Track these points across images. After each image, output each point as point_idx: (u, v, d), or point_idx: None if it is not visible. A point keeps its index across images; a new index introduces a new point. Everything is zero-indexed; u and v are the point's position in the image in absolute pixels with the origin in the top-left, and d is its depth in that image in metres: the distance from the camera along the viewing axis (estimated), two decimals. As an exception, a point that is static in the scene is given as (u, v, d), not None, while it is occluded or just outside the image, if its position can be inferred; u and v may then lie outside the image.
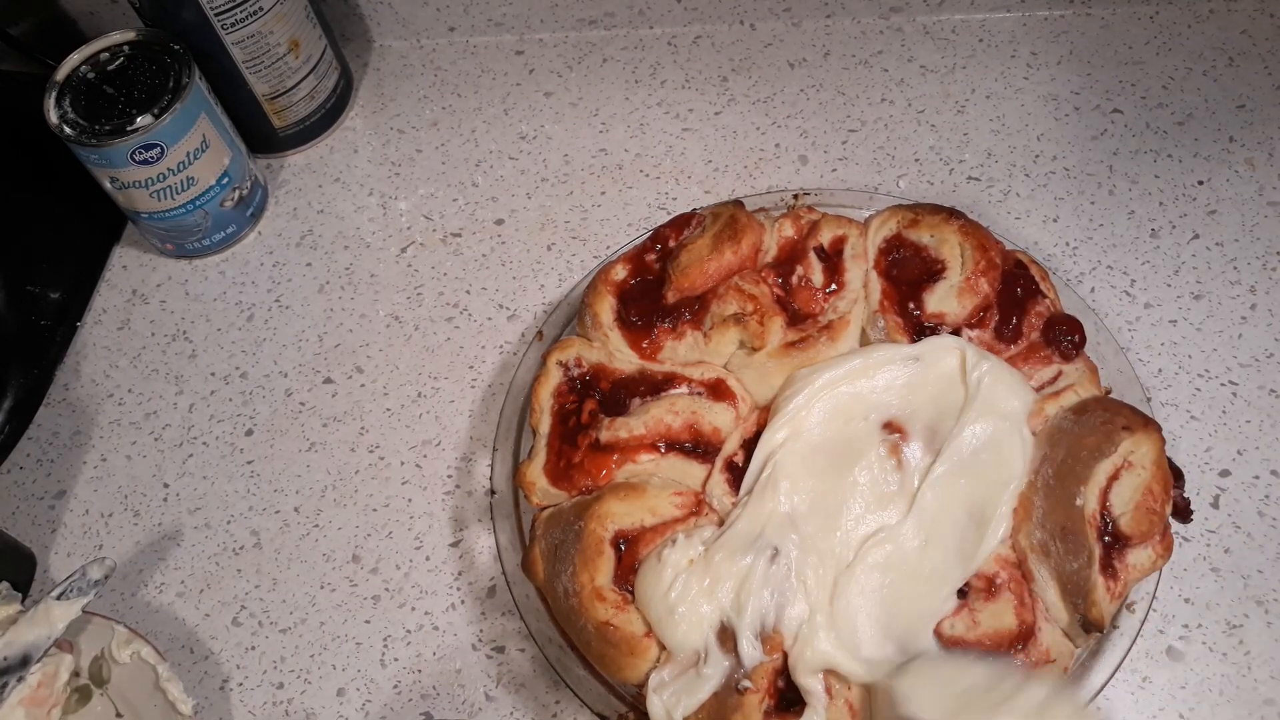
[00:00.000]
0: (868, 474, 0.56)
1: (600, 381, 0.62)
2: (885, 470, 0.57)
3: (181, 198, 0.74)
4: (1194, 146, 0.77)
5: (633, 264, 0.65)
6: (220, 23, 0.72)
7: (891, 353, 0.58)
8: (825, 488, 0.56)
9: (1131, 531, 0.53)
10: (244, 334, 0.76)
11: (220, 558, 0.67)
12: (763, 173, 0.79)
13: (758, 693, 0.51)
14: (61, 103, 0.71)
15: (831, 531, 0.55)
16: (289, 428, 0.72)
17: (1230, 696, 0.57)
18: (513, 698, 0.61)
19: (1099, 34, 0.83)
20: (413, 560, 0.66)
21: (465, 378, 0.72)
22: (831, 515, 0.55)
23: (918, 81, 0.82)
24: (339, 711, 0.61)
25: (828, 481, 0.56)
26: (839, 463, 0.57)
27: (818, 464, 0.57)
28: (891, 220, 0.64)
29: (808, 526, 0.55)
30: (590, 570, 0.54)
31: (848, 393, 0.58)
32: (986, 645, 0.53)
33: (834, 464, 0.57)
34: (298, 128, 0.83)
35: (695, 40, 0.87)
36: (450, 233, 0.79)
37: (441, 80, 0.88)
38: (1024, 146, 0.78)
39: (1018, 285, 0.62)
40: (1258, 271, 0.71)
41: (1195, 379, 0.67)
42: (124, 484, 0.70)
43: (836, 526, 0.55)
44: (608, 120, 0.83)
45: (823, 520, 0.55)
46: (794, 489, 0.56)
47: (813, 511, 0.56)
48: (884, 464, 0.57)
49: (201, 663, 0.63)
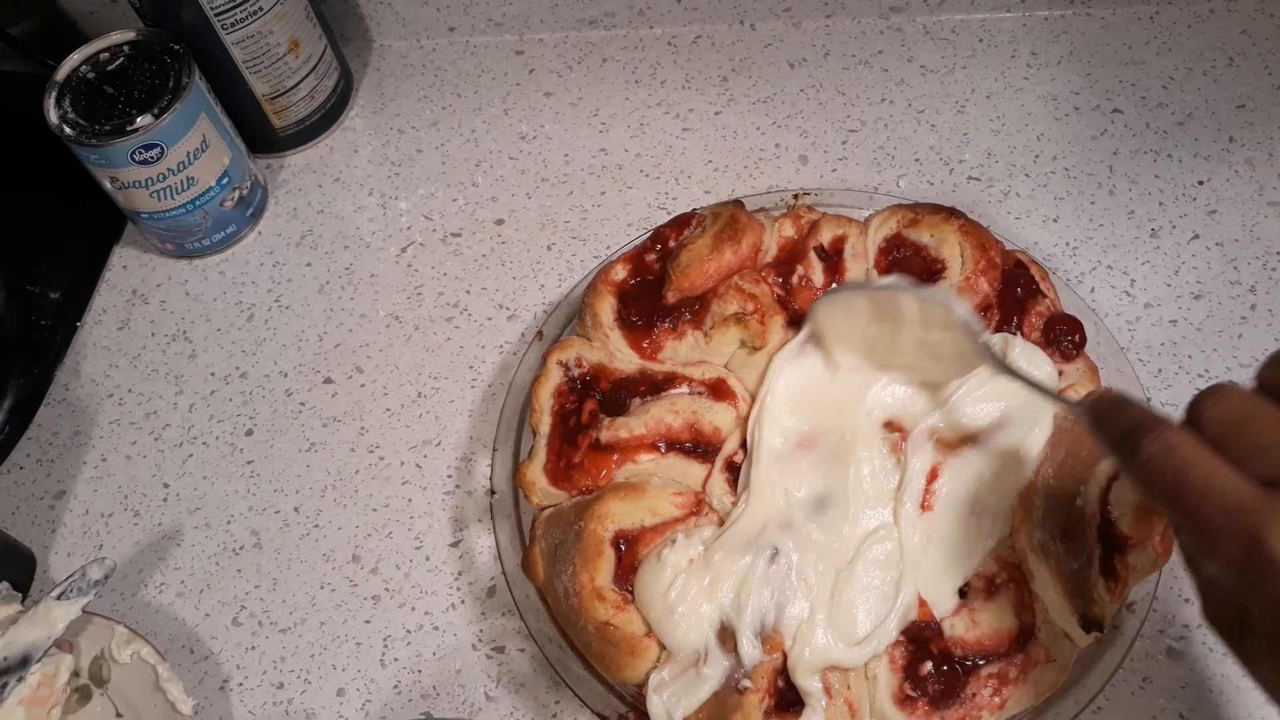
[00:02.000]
0: (869, 471, 0.56)
1: (600, 381, 0.62)
2: (886, 468, 0.57)
3: (181, 198, 0.74)
4: (1194, 146, 0.77)
5: (633, 264, 0.65)
6: (220, 23, 0.72)
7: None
8: (826, 486, 0.56)
9: (1131, 532, 0.53)
10: (244, 334, 0.76)
11: (220, 558, 0.67)
12: (763, 173, 0.79)
13: (758, 692, 0.51)
14: (61, 103, 0.71)
15: (832, 529, 0.55)
16: (289, 428, 0.72)
17: (1230, 696, 0.57)
18: (513, 698, 0.61)
19: (1099, 34, 0.83)
20: (413, 560, 0.66)
21: (465, 378, 0.72)
22: (832, 513, 0.55)
23: (918, 81, 0.82)
24: (339, 711, 0.61)
25: (828, 480, 0.56)
26: (839, 460, 0.57)
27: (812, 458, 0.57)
28: (891, 220, 0.64)
29: (808, 525, 0.55)
30: (590, 570, 0.54)
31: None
32: (986, 645, 0.53)
33: (834, 462, 0.57)
34: (298, 128, 0.83)
35: (695, 40, 0.87)
36: (450, 233, 0.79)
37: (441, 80, 0.88)
38: (1024, 146, 0.78)
39: (1018, 285, 0.62)
40: (1258, 271, 0.71)
41: (1195, 379, 0.67)
42: (124, 484, 0.70)
43: (837, 524, 0.55)
44: (608, 120, 0.83)
45: (823, 518, 0.55)
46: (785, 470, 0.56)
47: (813, 509, 0.56)
48: (885, 461, 0.57)
49: (201, 663, 0.63)
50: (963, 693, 0.52)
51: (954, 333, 0.53)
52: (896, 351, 0.57)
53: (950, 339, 0.54)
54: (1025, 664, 0.53)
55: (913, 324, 0.55)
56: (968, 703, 0.52)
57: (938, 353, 0.55)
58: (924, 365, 0.57)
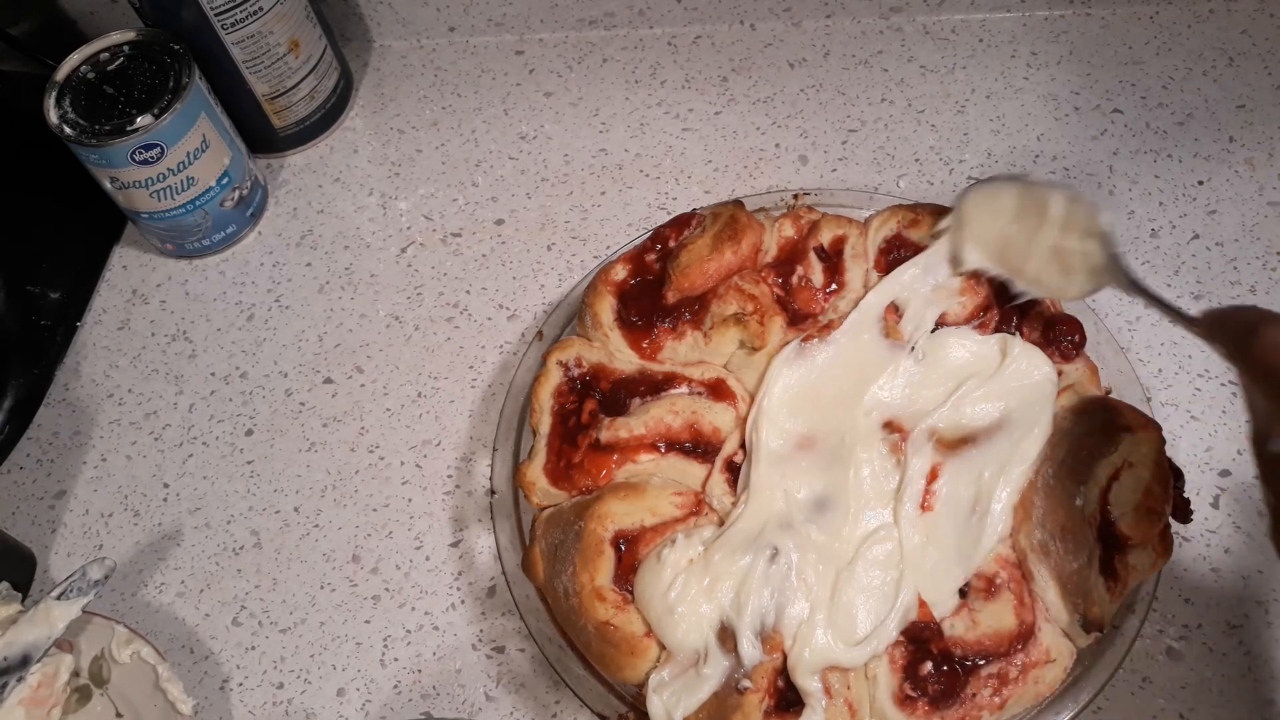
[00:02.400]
0: (869, 472, 0.56)
1: (600, 381, 0.62)
2: (886, 468, 0.57)
3: (181, 198, 0.74)
4: (1194, 146, 0.77)
5: (633, 264, 0.65)
6: (220, 23, 0.72)
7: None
8: (825, 487, 0.56)
9: (1131, 531, 0.53)
10: (244, 334, 0.76)
11: (220, 558, 0.67)
12: (763, 173, 0.79)
13: (758, 692, 0.51)
14: (61, 103, 0.71)
15: (832, 530, 0.55)
16: (289, 428, 0.72)
17: (1230, 696, 0.57)
18: (513, 698, 0.61)
19: (1099, 34, 0.83)
20: (413, 560, 0.66)
21: (465, 378, 0.72)
22: (832, 514, 0.55)
23: (918, 81, 0.82)
24: (339, 711, 0.61)
25: (828, 481, 0.56)
26: (839, 462, 0.57)
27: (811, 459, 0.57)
28: (892, 220, 0.64)
29: (808, 525, 0.55)
30: (590, 570, 0.54)
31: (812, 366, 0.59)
32: (986, 645, 0.53)
33: (834, 463, 0.57)
34: (298, 128, 0.83)
35: (695, 40, 0.87)
36: (450, 233, 0.79)
37: (441, 80, 0.88)
38: (1024, 146, 0.78)
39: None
40: (1258, 271, 0.71)
41: (1195, 379, 0.67)
42: (124, 484, 0.70)
43: (837, 525, 0.55)
44: (608, 120, 0.83)
45: (823, 519, 0.55)
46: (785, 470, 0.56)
47: (813, 510, 0.56)
48: (885, 462, 0.57)
49: (201, 663, 0.63)
50: (963, 693, 0.52)
51: (1091, 244, 0.53)
52: (1028, 256, 0.57)
53: (1085, 250, 0.54)
54: (1025, 664, 0.53)
55: (1053, 226, 0.55)
56: (968, 703, 0.52)
57: (1068, 264, 0.55)
58: (1050, 277, 0.57)
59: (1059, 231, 0.55)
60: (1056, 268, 0.56)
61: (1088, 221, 0.54)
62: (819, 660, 0.52)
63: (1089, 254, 0.54)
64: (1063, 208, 0.55)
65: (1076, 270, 0.55)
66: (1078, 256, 0.55)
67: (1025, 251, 0.57)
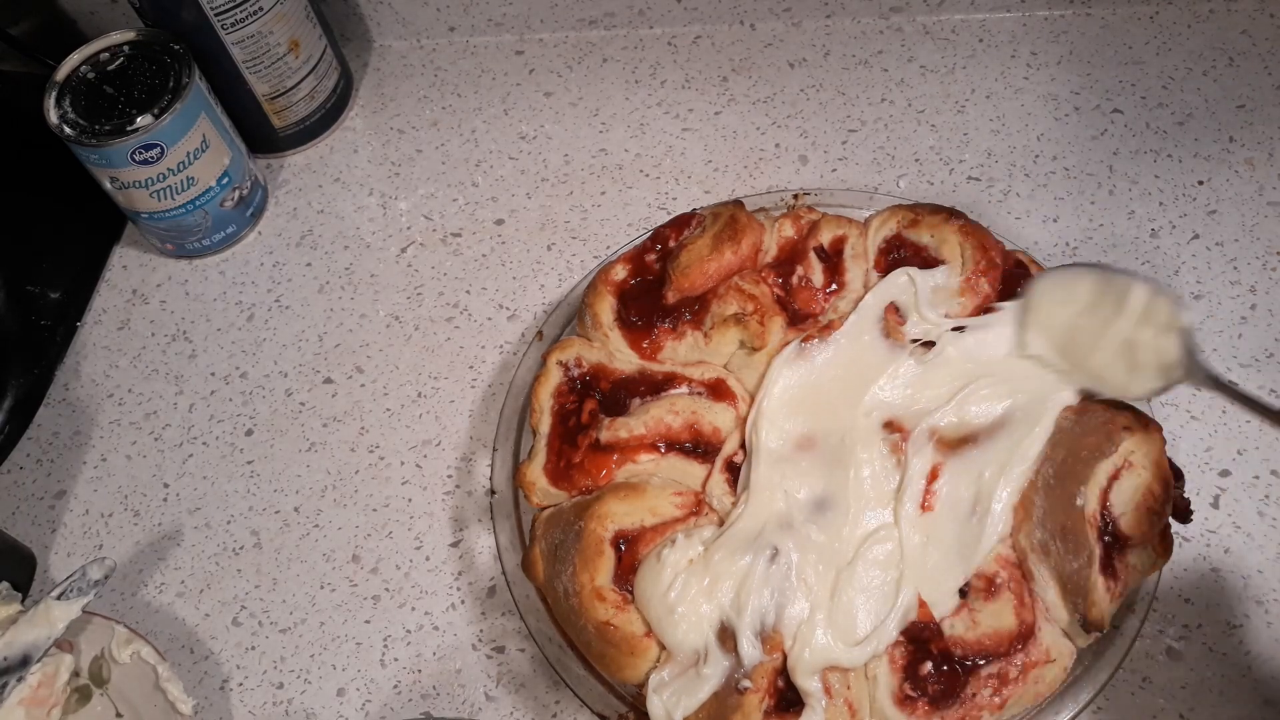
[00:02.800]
0: (869, 472, 0.56)
1: (600, 381, 0.62)
2: (886, 469, 0.57)
3: (181, 198, 0.74)
4: (1194, 146, 0.77)
5: (633, 264, 0.65)
6: (220, 23, 0.72)
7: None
8: (825, 487, 0.56)
9: (1132, 531, 0.53)
10: (244, 334, 0.76)
11: (220, 558, 0.67)
12: (763, 173, 0.79)
13: (758, 692, 0.51)
14: (61, 103, 0.71)
15: (832, 530, 0.55)
16: (289, 428, 0.72)
17: (1230, 696, 0.57)
18: (513, 698, 0.61)
19: (1099, 34, 0.83)
20: (413, 560, 0.66)
21: (465, 378, 0.72)
22: (832, 514, 0.55)
23: (918, 81, 0.82)
24: (339, 711, 0.61)
25: (828, 481, 0.56)
26: (839, 462, 0.57)
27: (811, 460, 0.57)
28: (891, 220, 0.64)
29: (808, 525, 0.55)
30: (590, 570, 0.54)
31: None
32: (986, 645, 0.53)
33: (834, 463, 0.57)
34: (298, 128, 0.83)
35: (695, 40, 0.87)
36: (450, 233, 0.79)
37: (441, 80, 0.88)
38: (1024, 146, 0.78)
39: (1018, 285, 0.62)
40: (1258, 271, 0.71)
41: (1195, 379, 0.67)
42: (124, 484, 0.70)
43: (837, 525, 0.55)
44: (608, 120, 0.83)
45: (823, 519, 0.55)
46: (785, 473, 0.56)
47: (813, 510, 0.56)
48: (885, 462, 0.57)
49: (201, 663, 0.63)
50: (963, 693, 0.52)
51: (1168, 339, 0.52)
52: (1094, 349, 0.55)
53: (1159, 345, 0.53)
54: (1025, 664, 0.53)
55: (1129, 319, 0.54)
56: (968, 703, 0.52)
57: (1137, 359, 0.54)
58: (1115, 372, 0.55)
59: (1135, 323, 0.54)
60: (1124, 363, 0.55)
61: (1167, 316, 0.52)
62: (819, 660, 0.52)
63: (1163, 349, 0.53)
64: (1144, 300, 0.53)
65: (1146, 366, 0.54)
66: (1150, 351, 0.53)
67: (1092, 343, 0.55)
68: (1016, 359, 0.58)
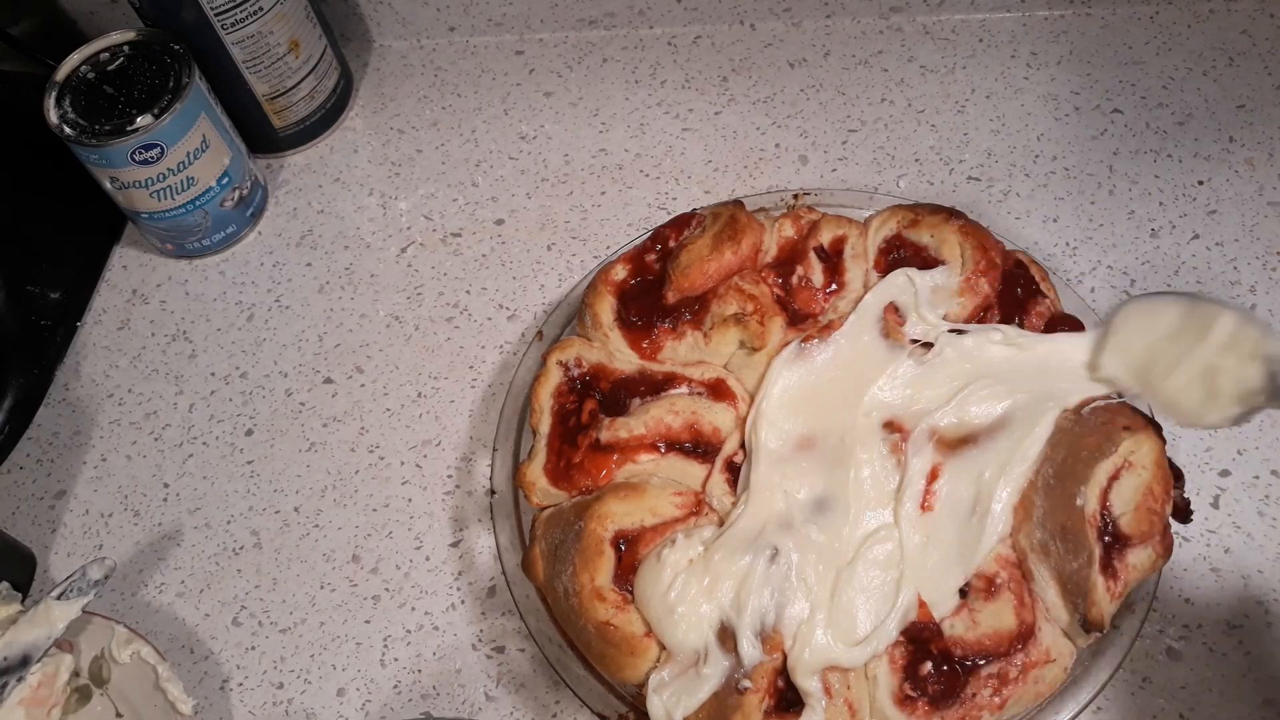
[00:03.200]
0: (869, 472, 0.56)
1: (600, 381, 0.62)
2: (886, 469, 0.57)
3: (181, 198, 0.74)
4: (1194, 146, 0.77)
5: (633, 264, 0.65)
6: (220, 23, 0.72)
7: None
8: (825, 488, 0.56)
9: (1131, 531, 0.53)
10: (244, 334, 0.76)
11: (220, 558, 0.67)
12: (763, 173, 0.79)
13: (758, 692, 0.51)
14: (61, 103, 0.71)
15: (832, 530, 0.55)
16: (289, 428, 0.72)
17: (1230, 696, 0.57)
18: (513, 698, 0.61)
19: (1099, 34, 0.83)
20: (413, 560, 0.66)
21: (465, 378, 0.72)
22: (832, 514, 0.55)
23: (918, 81, 0.82)
24: (339, 711, 0.61)
25: (828, 481, 0.56)
26: (839, 462, 0.57)
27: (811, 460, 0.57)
28: (891, 220, 0.64)
29: (808, 525, 0.55)
30: (590, 570, 0.54)
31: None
32: (986, 645, 0.53)
33: (834, 464, 0.57)
34: (298, 128, 0.83)
35: (695, 40, 0.87)
36: (450, 233, 0.79)
37: (441, 80, 0.88)
38: (1024, 146, 0.78)
39: (1018, 285, 0.62)
40: (1258, 271, 0.71)
41: (1195, 379, 0.67)
42: (124, 484, 0.70)
43: (837, 525, 0.55)
44: (608, 120, 0.83)
45: (823, 519, 0.55)
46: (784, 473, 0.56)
47: (813, 510, 0.56)
48: (885, 462, 0.57)
49: (201, 663, 0.63)
50: (963, 693, 0.52)
51: (1252, 367, 0.52)
52: (1171, 375, 0.55)
53: (1240, 373, 0.52)
54: (1025, 664, 0.53)
55: (1212, 346, 0.53)
56: (968, 703, 0.52)
57: (1216, 387, 0.53)
58: (1190, 399, 0.55)
59: (1218, 351, 0.53)
60: (1201, 390, 0.54)
61: (1253, 345, 0.52)
62: (819, 660, 0.52)
63: (1245, 378, 0.52)
64: (1230, 329, 0.53)
65: (1225, 394, 0.53)
66: (1231, 379, 0.53)
67: (1170, 369, 0.55)
68: (1024, 361, 0.58)
